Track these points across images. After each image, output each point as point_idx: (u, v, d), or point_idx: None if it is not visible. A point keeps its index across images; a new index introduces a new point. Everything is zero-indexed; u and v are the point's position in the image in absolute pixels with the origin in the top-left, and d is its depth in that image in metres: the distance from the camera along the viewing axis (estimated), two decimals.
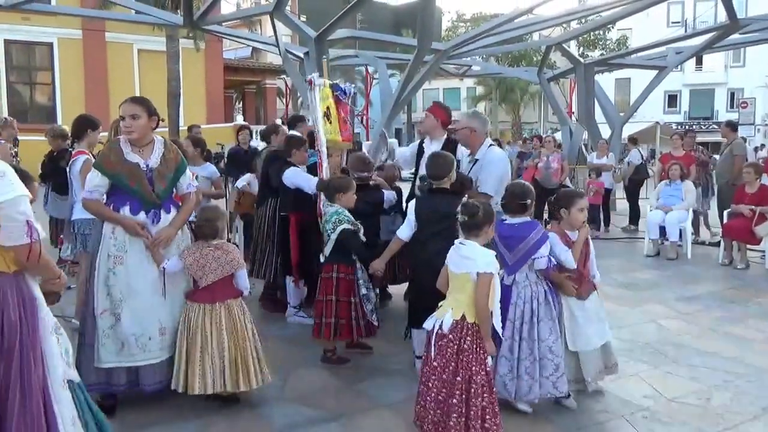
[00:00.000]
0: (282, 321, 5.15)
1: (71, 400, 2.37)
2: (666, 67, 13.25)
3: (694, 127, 31.21)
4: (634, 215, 10.44)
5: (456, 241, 3.09)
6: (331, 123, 4.65)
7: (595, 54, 27.28)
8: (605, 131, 13.61)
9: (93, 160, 4.54)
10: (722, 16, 10.95)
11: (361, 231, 4.16)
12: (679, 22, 36.58)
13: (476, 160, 4.42)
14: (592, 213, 8.83)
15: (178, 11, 14.77)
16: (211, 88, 20.64)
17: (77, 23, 18.63)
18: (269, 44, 13.73)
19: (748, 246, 7.61)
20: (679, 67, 16.26)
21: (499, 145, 13.78)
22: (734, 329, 5.05)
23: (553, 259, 3.52)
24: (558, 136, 14.90)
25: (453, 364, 2.90)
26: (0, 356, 2.18)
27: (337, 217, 4.10)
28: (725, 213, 8.12)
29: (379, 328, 4.33)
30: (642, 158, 11.29)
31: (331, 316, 4.09)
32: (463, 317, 2.94)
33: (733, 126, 9.32)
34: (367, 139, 19.66)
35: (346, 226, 4.07)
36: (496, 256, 3.07)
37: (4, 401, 2.17)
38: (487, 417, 2.86)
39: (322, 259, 4.20)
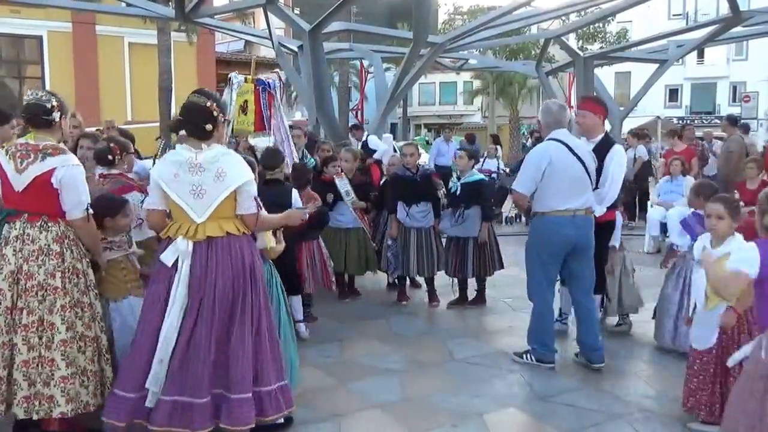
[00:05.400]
0: None
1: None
2: (667, 60, 13.07)
3: (695, 121, 31.01)
4: (632, 211, 10.29)
5: None
6: (246, 115, 5.40)
7: (595, 47, 26.99)
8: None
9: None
10: (724, 9, 10.75)
11: None
12: (680, 15, 36.29)
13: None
14: None
15: (170, 3, 14.51)
16: (203, 81, 20.25)
17: (67, 16, 18.28)
18: (262, 37, 13.50)
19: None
20: (680, 60, 16.07)
21: (497, 141, 13.59)
22: None
23: None
24: None
25: None
26: (248, 287, 3.04)
27: None
28: None
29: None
30: (648, 154, 11.13)
31: None
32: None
33: (732, 121, 9.17)
34: None
35: None
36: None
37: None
38: None
39: None
